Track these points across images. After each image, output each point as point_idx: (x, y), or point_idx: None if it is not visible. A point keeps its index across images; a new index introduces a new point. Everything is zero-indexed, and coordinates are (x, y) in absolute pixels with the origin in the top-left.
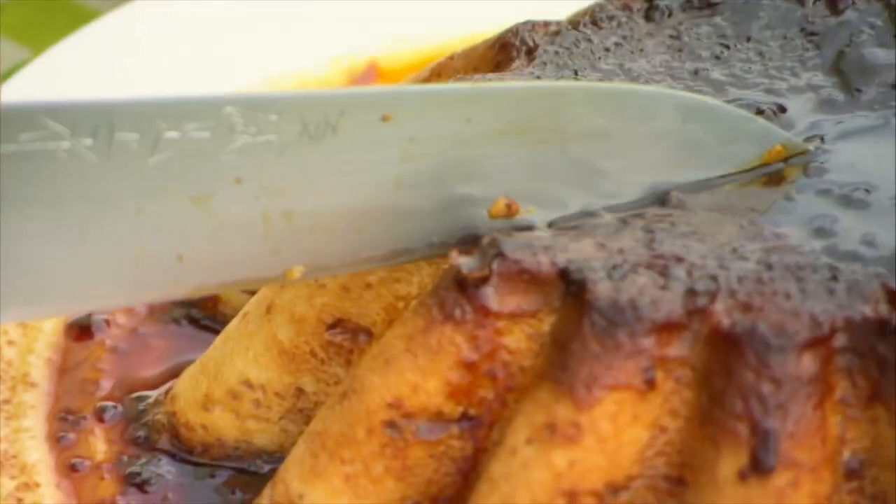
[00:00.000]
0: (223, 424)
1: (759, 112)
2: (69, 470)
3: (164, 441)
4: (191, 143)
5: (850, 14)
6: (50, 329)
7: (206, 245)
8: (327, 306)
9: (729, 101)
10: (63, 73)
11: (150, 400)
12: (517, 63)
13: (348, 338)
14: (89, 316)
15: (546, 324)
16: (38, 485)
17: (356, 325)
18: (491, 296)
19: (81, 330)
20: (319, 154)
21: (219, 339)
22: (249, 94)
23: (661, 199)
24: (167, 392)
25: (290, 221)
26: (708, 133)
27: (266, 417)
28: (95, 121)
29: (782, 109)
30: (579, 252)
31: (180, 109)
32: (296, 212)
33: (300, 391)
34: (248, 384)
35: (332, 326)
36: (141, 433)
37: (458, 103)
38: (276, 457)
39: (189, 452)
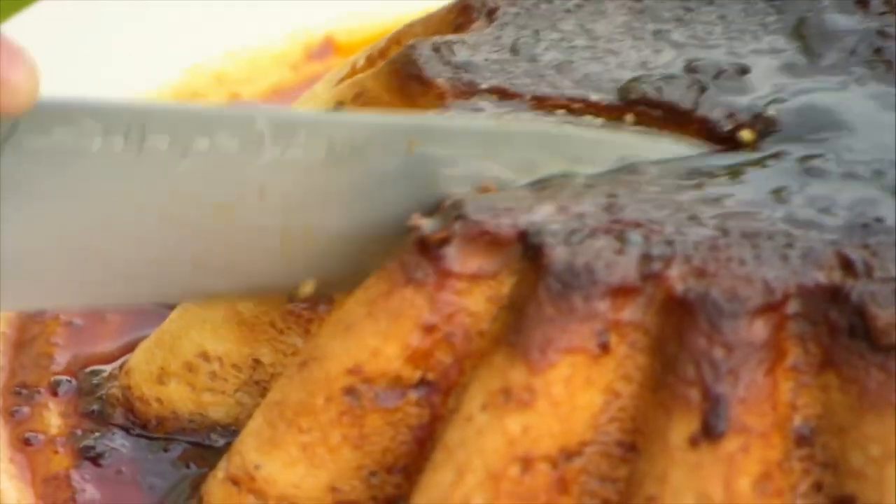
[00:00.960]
0: (178, 397)
1: (721, 72)
2: (23, 444)
3: (118, 415)
4: (220, 153)
5: None
6: None
7: (224, 252)
8: None
9: (690, 61)
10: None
11: (105, 374)
12: (477, 24)
13: (308, 307)
14: None
15: (506, 286)
16: None
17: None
18: (452, 256)
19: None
20: (344, 175)
21: (175, 312)
22: (280, 111)
23: (632, 167)
24: (122, 366)
25: (307, 237)
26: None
27: (222, 390)
28: (129, 121)
29: (744, 71)
30: (541, 215)
31: (213, 118)
32: (314, 228)
33: (257, 362)
34: (205, 356)
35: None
36: (95, 407)
37: (484, 138)
38: (231, 430)
39: (143, 427)
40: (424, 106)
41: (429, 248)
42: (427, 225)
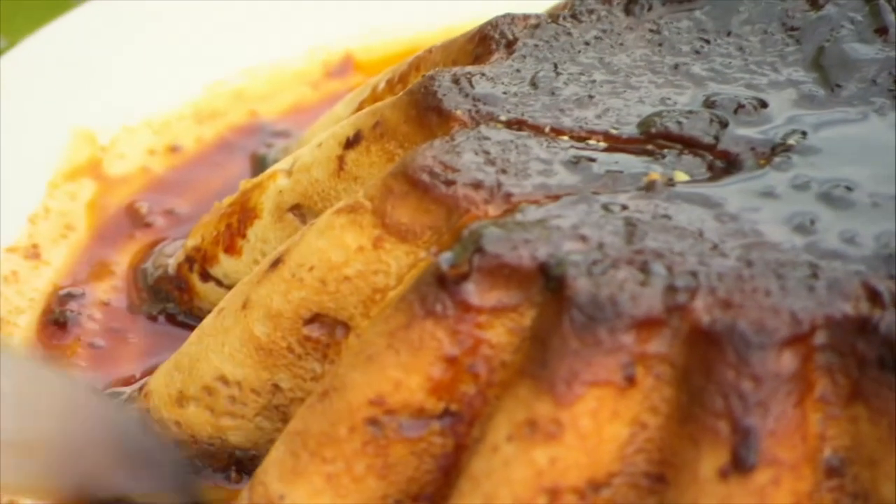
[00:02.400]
0: (197, 421)
1: (740, 107)
2: None
3: None
4: None
5: (830, 9)
6: (25, 324)
7: None
8: (304, 301)
9: (709, 96)
10: (40, 62)
11: (125, 396)
12: (496, 56)
13: (326, 332)
14: (64, 311)
15: (527, 318)
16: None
17: (333, 320)
18: (472, 291)
19: (57, 326)
20: None
21: (194, 335)
22: None
23: (647, 185)
24: (141, 388)
25: None
26: None
27: (241, 414)
28: None
29: (763, 104)
30: (560, 244)
31: None
32: None
33: (276, 388)
34: (224, 380)
35: (309, 321)
36: None
37: None
38: (250, 455)
39: None
40: (442, 136)
41: (447, 282)
42: (445, 258)
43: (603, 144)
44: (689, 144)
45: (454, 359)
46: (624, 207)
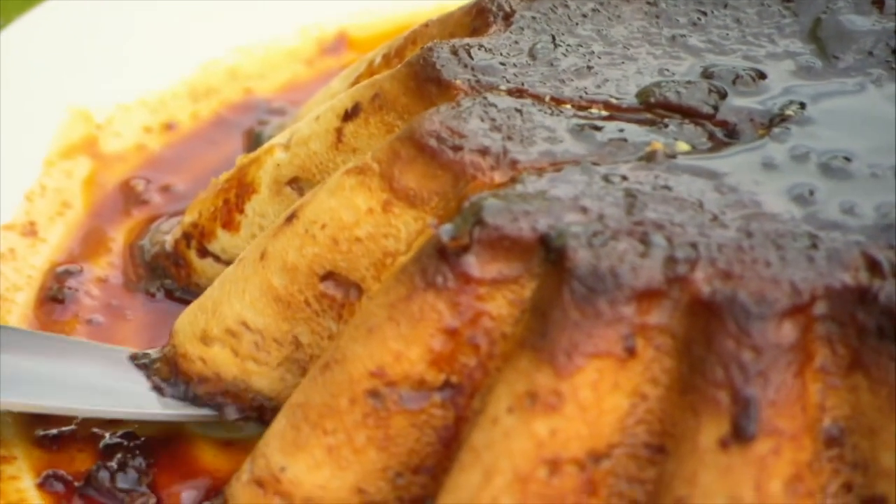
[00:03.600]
0: (222, 360)
1: (738, 77)
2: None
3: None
4: None
5: None
6: (23, 301)
7: None
8: (318, 257)
9: (707, 67)
10: (35, 41)
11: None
12: (494, 28)
13: (340, 291)
14: (62, 288)
15: (527, 289)
16: (14, 458)
17: (346, 280)
18: (472, 263)
19: (55, 302)
20: None
21: (217, 281)
22: None
23: (647, 155)
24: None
25: None
26: None
27: (265, 361)
28: None
29: (761, 75)
30: (560, 216)
31: None
32: None
33: (296, 341)
34: (246, 326)
35: (324, 278)
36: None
37: None
38: (273, 404)
39: (186, 384)
40: None
41: (448, 254)
42: (445, 230)
43: (604, 113)
44: (688, 114)
45: (455, 330)
46: (624, 178)
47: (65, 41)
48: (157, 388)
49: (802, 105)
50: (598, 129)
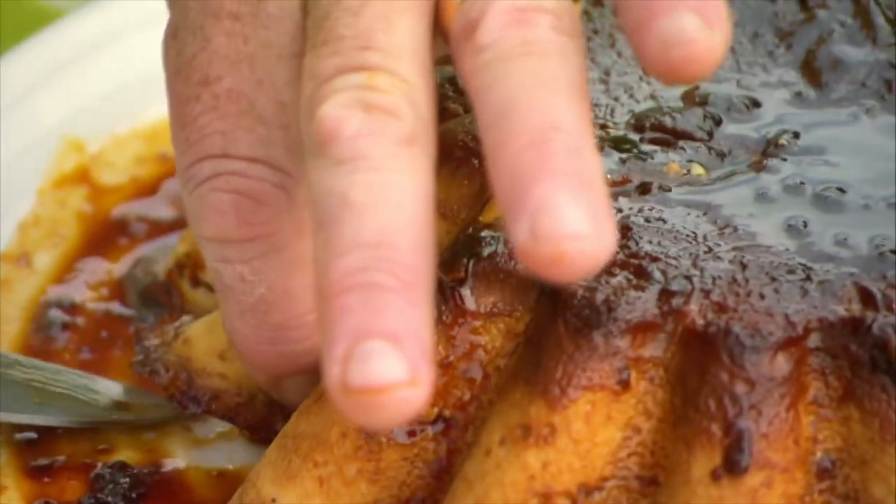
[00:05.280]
0: (244, 374)
1: (732, 105)
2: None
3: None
4: None
5: (820, 12)
6: (14, 332)
7: None
8: None
9: (701, 94)
10: (28, 70)
11: (156, 342)
12: None
13: None
14: (53, 320)
15: (522, 322)
16: (5, 487)
17: None
18: (468, 296)
19: (46, 334)
20: None
21: None
22: None
23: (643, 188)
24: (176, 334)
25: None
26: None
27: None
28: None
29: (755, 104)
30: None
31: None
32: None
33: None
34: None
35: None
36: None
37: None
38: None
39: (195, 401)
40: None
41: (443, 287)
42: (440, 264)
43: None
44: (683, 138)
45: (449, 364)
46: (619, 210)
47: (59, 70)
48: (178, 403)
49: (796, 134)
50: (617, 148)
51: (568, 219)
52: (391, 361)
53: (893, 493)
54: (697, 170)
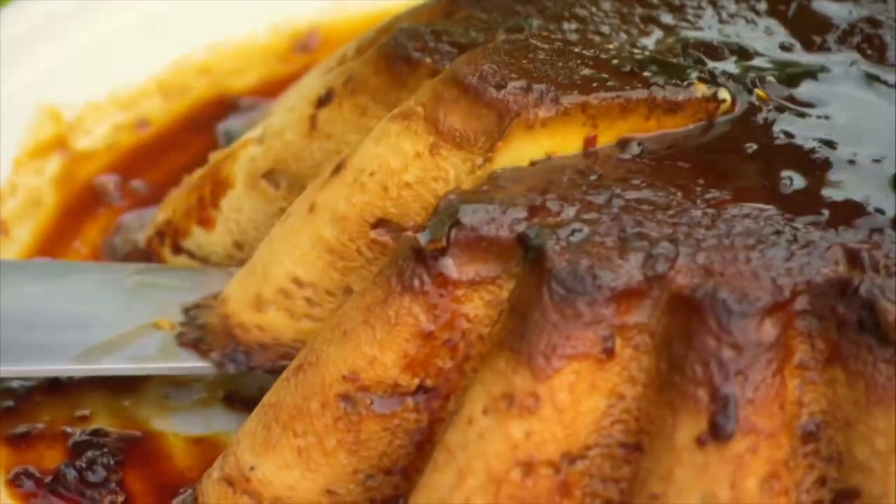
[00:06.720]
0: (278, 324)
1: (715, 49)
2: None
3: (218, 343)
4: None
5: None
6: None
7: None
8: (368, 205)
9: (685, 41)
10: (4, 39)
11: (198, 302)
12: (464, 12)
13: (392, 237)
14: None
15: (505, 290)
16: None
17: (398, 226)
18: (449, 265)
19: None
20: None
21: (263, 243)
22: None
23: (622, 143)
24: (216, 296)
25: None
26: None
27: (320, 317)
28: None
29: (742, 50)
30: (538, 216)
31: None
32: None
33: (350, 291)
34: (298, 282)
35: (375, 226)
36: (195, 336)
37: None
38: None
39: (246, 354)
40: (413, 87)
41: (425, 257)
42: (422, 233)
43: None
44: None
45: (431, 334)
46: (601, 176)
47: (34, 39)
48: (219, 365)
49: (781, 75)
50: (642, 67)
51: None
52: None
53: (876, 455)
54: (724, 94)
